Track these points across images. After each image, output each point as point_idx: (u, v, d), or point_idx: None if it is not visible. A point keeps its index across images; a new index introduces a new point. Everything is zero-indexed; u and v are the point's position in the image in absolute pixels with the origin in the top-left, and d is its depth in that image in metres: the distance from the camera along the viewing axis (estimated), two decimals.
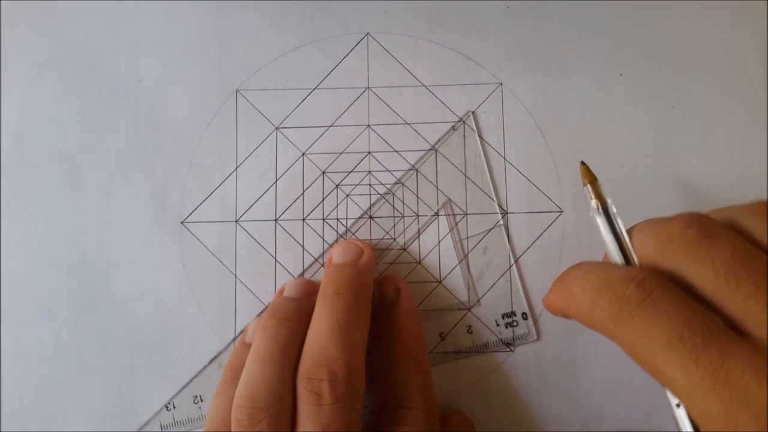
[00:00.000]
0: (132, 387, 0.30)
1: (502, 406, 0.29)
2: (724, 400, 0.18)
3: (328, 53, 0.31)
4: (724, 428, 0.18)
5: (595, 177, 0.25)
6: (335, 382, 0.24)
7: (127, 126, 0.31)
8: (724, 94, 0.31)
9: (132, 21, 0.32)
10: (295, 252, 0.30)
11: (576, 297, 0.22)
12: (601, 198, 0.25)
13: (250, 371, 0.25)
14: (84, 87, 0.31)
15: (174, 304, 0.30)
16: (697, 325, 0.19)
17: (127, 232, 0.30)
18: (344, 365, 0.24)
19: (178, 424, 0.29)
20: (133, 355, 0.30)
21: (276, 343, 0.26)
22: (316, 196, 0.31)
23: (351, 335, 0.25)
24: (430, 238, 0.30)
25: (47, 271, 0.30)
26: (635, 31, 0.31)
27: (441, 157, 0.31)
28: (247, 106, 0.31)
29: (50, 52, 0.32)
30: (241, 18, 0.32)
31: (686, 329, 0.19)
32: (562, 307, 0.23)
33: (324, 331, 0.25)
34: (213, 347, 0.30)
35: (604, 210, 0.24)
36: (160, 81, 0.31)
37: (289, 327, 0.26)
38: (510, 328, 0.30)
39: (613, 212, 0.24)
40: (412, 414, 0.26)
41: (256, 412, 0.24)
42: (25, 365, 0.30)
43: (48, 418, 0.29)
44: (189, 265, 0.30)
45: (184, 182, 0.31)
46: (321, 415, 0.24)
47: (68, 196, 0.31)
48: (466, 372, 0.30)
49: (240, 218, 0.31)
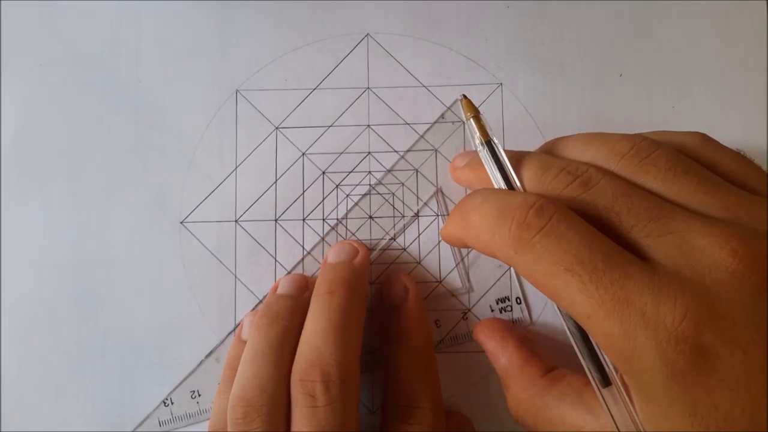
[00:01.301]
0: (132, 387, 0.30)
1: (502, 406, 0.29)
2: (623, 321, 0.18)
3: (328, 53, 0.31)
4: (624, 348, 0.18)
5: (478, 110, 0.25)
6: (328, 383, 0.24)
7: (127, 126, 0.31)
8: (724, 94, 0.31)
9: (132, 21, 0.32)
10: (295, 252, 0.30)
11: (474, 226, 0.22)
12: (484, 131, 0.24)
13: (244, 370, 0.25)
14: (84, 87, 0.31)
15: (174, 304, 0.30)
16: (598, 248, 0.19)
17: (127, 232, 0.30)
18: (337, 365, 0.24)
19: (176, 419, 0.29)
20: (133, 355, 0.30)
21: (269, 342, 0.26)
22: (316, 196, 0.31)
23: (344, 335, 0.25)
24: (430, 238, 0.30)
25: (47, 271, 0.30)
26: (635, 31, 0.31)
27: (441, 157, 0.31)
28: (247, 106, 0.31)
29: (50, 52, 0.32)
30: (242, 18, 0.32)
31: (587, 253, 0.19)
32: (460, 236, 0.24)
33: (317, 332, 0.25)
34: (212, 347, 0.30)
35: (487, 144, 0.24)
36: (160, 81, 0.31)
37: (282, 325, 0.26)
38: (504, 313, 0.30)
39: (496, 144, 0.24)
40: (420, 413, 0.26)
41: (249, 410, 0.24)
42: (25, 365, 0.30)
43: (48, 418, 0.29)
44: (189, 265, 0.30)
45: (183, 182, 0.31)
46: (315, 417, 0.24)
47: (68, 196, 0.31)
48: (466, 372, 0.30)
49: (240, 218, 0.30)
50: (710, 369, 0.17)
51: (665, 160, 0.21)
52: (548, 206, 0.20)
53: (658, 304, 0.18)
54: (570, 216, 0.20)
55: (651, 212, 0.20)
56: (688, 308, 0.18)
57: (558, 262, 0.19)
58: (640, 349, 0.18)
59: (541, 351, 0.26)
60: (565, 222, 0.20)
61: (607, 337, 0.19)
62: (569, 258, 0.19)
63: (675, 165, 0.21)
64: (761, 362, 0.17)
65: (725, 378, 0.17)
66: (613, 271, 0.19)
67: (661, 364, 0.18)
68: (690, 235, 0.19)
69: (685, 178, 0.21)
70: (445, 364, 0.29)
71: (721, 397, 0.17)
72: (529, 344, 0.27)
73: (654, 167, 0.21)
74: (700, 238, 0.19)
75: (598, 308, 0.19)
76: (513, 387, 0.25)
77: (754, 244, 0.18)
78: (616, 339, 0.18)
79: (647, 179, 0.21)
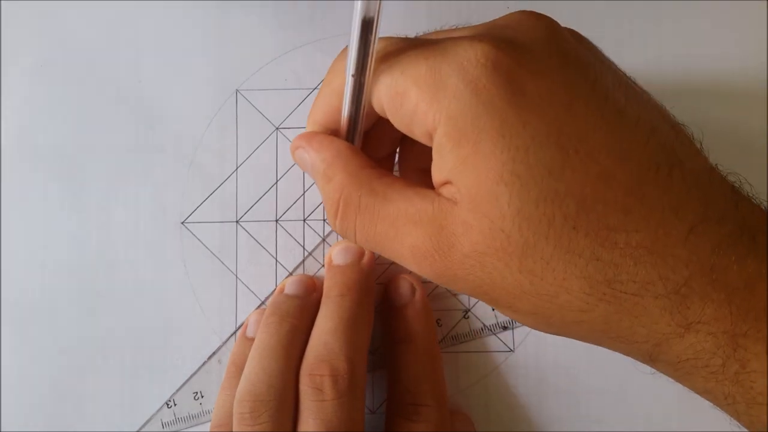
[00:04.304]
0: (132, 387, 0.30)
1: (502, 406, 0.30)
2: (428, 59, 0.19)
3: (328, 53, 0.31)
4: (429, 83, 0.19)
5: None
6: (337, 378, 0.24)
7: (127, 126, 0.31)
8: (725, 93, 0.31)
9: (132, 21, 0.32)
10: (296, 252, 0.30)
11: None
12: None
13: (252, 366, 0.25)
14: (84, 87, 0.31)
15: (174, 304, 0.30)
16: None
17: (128, 233, 0.30)
18: (346, 361, 0.24)
19: (179, 420, 0.29)
20: (134, 356, 0.30)
21: (278, 338, 0.26)
22: (316, 197, 0.31)
23: (354, 334, 0.26)
24: None
25: (47, 271, 0.30)
26: (635, 31, 0.31)
27: None
28: (247, 106, 0.31)
29: (50, 52, 0.32)
30: (241, 18, 0.32)
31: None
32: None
33: (327, 329, 0.26)
34: (214, 347, 0.30)
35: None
36: (160, 81, 0.31)
37: (291, 323, 0.26)
38: None
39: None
40: (425, 411, 0.26)
41: (257, 405, 0.24)
42: (25, 365, 0.30)
43: (48, 418, 0.29)
44: (190, 266, 0.30)
45: (184, 182, 0.31)
46: (323, 411, 0.24)
47: (68, 196, 0.31)
48: (466, 372, 0.30)
49: (241, 219, 0.31)
50: (515, 90, 0.18)
51: None
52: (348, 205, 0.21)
53: (459, 45, 0.19)
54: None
55: None
56: (488, 43, 0.18)
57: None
58: (444, 77, 0.18)
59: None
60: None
61: (415, 82, 0.19)
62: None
63: None
64: (562, 86, 0.18)
65: (530, 98, 0.18)
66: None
67: (464, 84, 0.18)
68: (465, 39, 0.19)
69: None
70: (445, 363, 0.29)
71: (528, 114, 0.18)
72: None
73: None
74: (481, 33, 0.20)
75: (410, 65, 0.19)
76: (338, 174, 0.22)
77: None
78: (423, 77, 0.19)
79: None
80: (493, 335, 0.30)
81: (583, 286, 0.18)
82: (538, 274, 0.18)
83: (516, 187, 0.18)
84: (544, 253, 0.18)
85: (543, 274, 0.18)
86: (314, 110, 0.23)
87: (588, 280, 0.18)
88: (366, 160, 0.22)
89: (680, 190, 0.18)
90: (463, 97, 0.18)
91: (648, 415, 0.29)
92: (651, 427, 0.29)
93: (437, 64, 0.19)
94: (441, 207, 0.19)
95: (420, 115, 0.19)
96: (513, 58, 0.18)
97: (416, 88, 0.19)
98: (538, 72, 0.18)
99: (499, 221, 0.18)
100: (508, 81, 0.18)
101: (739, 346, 0.17)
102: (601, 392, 0.29)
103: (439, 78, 0.18)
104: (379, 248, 0.21)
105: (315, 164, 0.22)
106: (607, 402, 0.29)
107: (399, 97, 0.19)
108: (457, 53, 0.19)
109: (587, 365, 0.30)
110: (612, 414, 0.29)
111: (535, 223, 0.18)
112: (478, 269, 0.19)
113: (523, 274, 0.18)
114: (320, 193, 0.23)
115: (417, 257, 0.20)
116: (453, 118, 0.18)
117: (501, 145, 0.18)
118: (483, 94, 0.18)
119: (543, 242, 0.18)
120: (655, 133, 0.19)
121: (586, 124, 0.18)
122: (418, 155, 0.24)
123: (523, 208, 0.18)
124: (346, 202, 0.21)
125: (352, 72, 0.20)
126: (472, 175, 0.18)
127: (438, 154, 0.19)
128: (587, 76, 0.19)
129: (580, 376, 0.29)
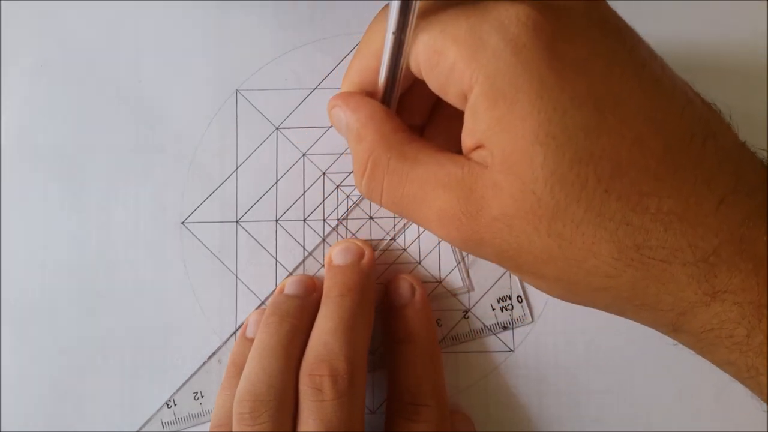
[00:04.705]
0: (132, 387, 0.30)
1: (502, 406, 0.30)
2: (468, 19, 0.19)
3: (328, 53, 0.31)
4: (469, 43, 0.18)
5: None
6: (337, 378, 0.24)
7: (127, 126, 0.31)
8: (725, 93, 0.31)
9: (132, 21, 0.32)
10: (295, 252, 0.30)
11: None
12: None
13: (252, 366, 0.25)
14: (84, 87, 0.31)
15: (174, 304, 0.30)
16: None
17: (127, 232, 0.30)
18: (346, 361, 0.24)
19: (179, 421, 0.29)
20: (134, 356, 0.30)
21: (278, 338, 0.26)
22: (316, 197, 0.31)
23: (354, 334, 0.26)
24: (430, 238, 0.30)
25: (47, 271, 0.30)
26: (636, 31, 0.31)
27: None
28: (247, 106, 0.31)
29: (50, 52, 0.32)
30: (241, 18, 0.32)
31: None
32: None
33: (327, 330, 0.26)
34: (214, 347, 0.30)
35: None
36: (160, 81, 0.31)
37: (291, 323, 0.26)
38: (506, 311, 0.30)
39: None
40: (426, 411, 0.26)
41: (257, 405, 0.24)
42: (25, 365, 0.30)
43: (48, 418, 0.29)
44: (190, 266, 0.30)
45: (184, 182, 0.31)
46: (322, 411, 0.24)
47: (68, 196, 0.31)
48: (465, 372, 0.30)
49: (241, 219, 0.30)
50: (554, 51, 0.18)
51: None
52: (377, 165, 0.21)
53: (500, 4, 0.18)
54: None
55: None
56: (529, 4, 0.18)
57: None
58: (485, 36, 0.18)
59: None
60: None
61: (455, 40, 0.19)
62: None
63: None
64: (600, 50, 0.18)
65: (569, 60, 0.18)
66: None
67: (504, 43, 0.18)
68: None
69: None
70: (445, 363, 0.29)
71: (566, 76, 0.18)
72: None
73: None
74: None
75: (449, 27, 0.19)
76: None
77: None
78: (462, 36, 0.18)
79: None
80: (493, 335, 0.30)
81: (612, 250, 0.18)
82: (567, 238, 0.18)
83: (551, 148, 0.17)
84: (574, 216, 0.18)
85: (572, 238, 0.18)
86: (350, 71, 0.23)
87: (617, 244, 0.18)
88: (399, 124, 0.22)
89: (712, 162, 0.18)
90: (502, 56, 0.18)
91: (648, 415, 0.29)
92: (651, 427, 0.29)
93: (478, 23, 0.18)
94: (471, 170, 0.19)
95: (457, 75, 0.19)
96: (553, 21, 0.18)
97: (455, 46, 0.19)
98: (577, 35, 0.18)
99: (531, 183, 0.18)
100: (548, 42, 0.18)
101: (764, 317, 0.17)
102: (601, 392, 0.29)
103: (479, 37, 0.18)
104: (406, 211, 0.21)
105: (349, 124, 0.22)
106: (607, 402, 0.29)
107: (437, 55, 0.19)
108: (498, 12, 0.18)
109: (587, 365, 0.30)
110: (612, 414, 0.29)
111: (567, 185, 0.17)
112: (505, 233, 0.19)
113: (551, 238, 0.18)
114: (351, 153, 0.23)
115: (444, 221, 0.20)
116: (491, 77, 0.18)
117: (538, 105, 0.18)
118: (523, 53, 0.18)
119: (574, 205, 0.18)
120: (690, 105, 0.19)
121: (623, 90, 0.18)
122: (447, 125, 0.24)
123: (556, 170, 0.17)
124: (375, 162, 0.21)
125: (393, 29, 0.20)
126: (506, 135, 0.18)
127: (472, 115, 0.19)
128: (625, 43, 0.19)
129: (580, 376, 0.29)
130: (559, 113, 0.17)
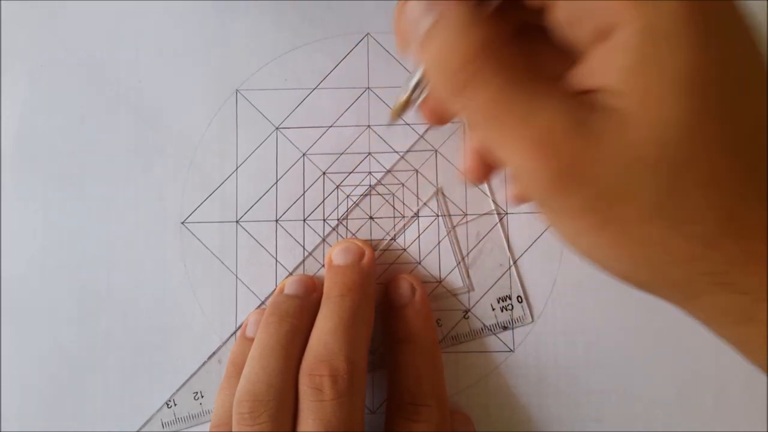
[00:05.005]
0: (132, 387, 0.30)
1: (502, 406, 0.30)
2: None
3: (328, 53, 0.31)
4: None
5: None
6: (337, 378, 0.24)
7: (127, 126, 0.31)
8: None
9: (132, 21, 0.32)
10: (295, 252, 0.30)
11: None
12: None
13: (252, 366, 0.25)
14: (84, 87, 0.31)
15: (175, 304, 0.30)
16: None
17: (128, 233, 0.30)
18: (346, 361, 0.24)
19: (179, 420, 0.29)
20: (134, 356, 0.30)
21: (278, 338, 0.26)
22: (316, 197, 0.31)
23: (354, 334, 0.26)
24: (430, 238, 0.30)
25: (47, 271, 0.30)
26: None
27: (441, 158, 0.31)
28: (247, 106, 0.31)
29: (50, 52, 0.32)
30: (241, 18, 0.32)
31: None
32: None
33: (327, 330, 0.26)
34: (214, 347, 0.30)
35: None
36: (160, 81, 0.31)
37: (291, 323, 0.26)
38: (506, 311, 0.30)
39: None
40: (426, 411, 0.26)
41: (257, 405, 0.24)
42: (25, 365, 0.30)
43: (48, 418, 0.29)
44: (190, 266, 0.30)
45: (184, 182, 0.31)
46: (322, 411, 0.24)
47: (68, 197, 0.31)
48: (465, 372, 0.30)
49: (241, 219, 0.31)
50: (720, 11, 0.16)
51: None
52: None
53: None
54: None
55: None
56: None
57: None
58: None
59: None
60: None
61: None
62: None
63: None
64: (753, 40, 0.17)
65: (732, 26, 0.17)
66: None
67: None
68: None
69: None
70: (445, 363, 0.29)
71: (731, 28, 0.17)
72: None
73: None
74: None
75: None
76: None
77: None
78: None
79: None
80: (493, 335, 0.30)
81: (721, 218, 0.17)
82: (680, 193, 0.16)
83: (697, 98, 0.16)
84: (697, 175, 0.16)
85: (688, 194, 0.16)
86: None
87: (727, 211, 0.17)
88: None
89: None
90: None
91: (648, 415, 0.29)
92: (651, 427, 0.29)
93: None
94: (588, 102, 0.17)
95: (602, 8, 0.16)
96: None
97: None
98: (739, 18, 0.17)
99: (662, 131, 0.16)
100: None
101: None
102: (601, 392, 0.29)
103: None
104: (494, 123, 0.18)
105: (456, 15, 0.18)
106: (607, 402, 0.29)
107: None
108: None
109: (587, 365, 0.30)
110: (612, 414, 0.29)
111: (707, 141, 0.16)
112: (611, 178, 0.17)
113: (660, 195, 0.16)
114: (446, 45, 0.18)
115: (543, 144, 0.17)
116: (650, 14, 0.16)
117: (696, 53, 0.16)
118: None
119: (704, 163, 0.16)
120: None
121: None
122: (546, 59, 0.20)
123: (693, 122, 0.16)
124: (486, 57, 0.17)
125: None
126: (648, 78, 0.16)
127: (610, 53, 0.17)
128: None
129: (580, 376, 0.29)
130: (720, 68, 0.16)
